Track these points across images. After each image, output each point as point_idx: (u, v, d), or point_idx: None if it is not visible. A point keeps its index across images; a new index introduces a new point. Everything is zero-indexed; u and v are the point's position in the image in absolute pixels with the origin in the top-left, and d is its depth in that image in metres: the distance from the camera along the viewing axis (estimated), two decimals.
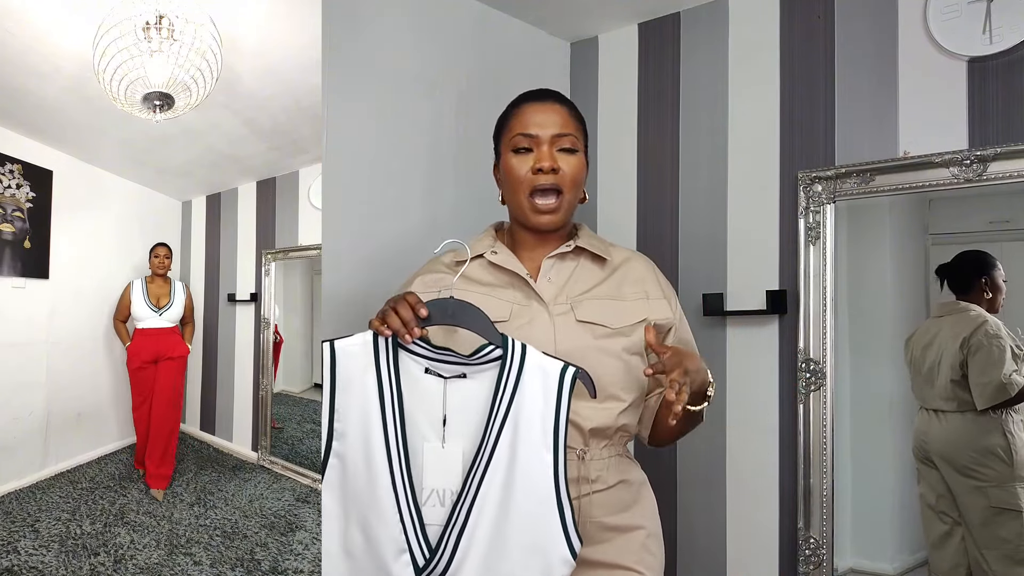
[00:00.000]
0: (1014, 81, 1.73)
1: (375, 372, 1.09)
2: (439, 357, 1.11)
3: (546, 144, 1.25)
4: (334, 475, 1.10)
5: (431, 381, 1.10)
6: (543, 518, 1.05)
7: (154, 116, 2.22)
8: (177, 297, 2.88)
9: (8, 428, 2.44)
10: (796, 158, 2.03)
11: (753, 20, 2.12)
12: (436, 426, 1.10)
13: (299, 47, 2.11)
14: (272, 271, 2.82)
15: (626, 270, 1.34)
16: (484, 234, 1.38)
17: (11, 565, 2.19)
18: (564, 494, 1.05)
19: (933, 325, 1.93)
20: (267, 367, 2.83)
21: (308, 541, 2.47)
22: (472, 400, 1.10)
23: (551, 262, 1.31)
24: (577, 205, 1.32)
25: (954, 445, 1.85)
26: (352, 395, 1.09)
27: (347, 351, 1.10)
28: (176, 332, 2.87)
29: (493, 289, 1.29)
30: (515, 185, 1.27)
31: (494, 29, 2.22)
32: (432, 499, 1.08)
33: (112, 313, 2.79)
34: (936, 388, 1.88)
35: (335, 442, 1.09)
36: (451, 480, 1.08)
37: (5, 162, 2.36)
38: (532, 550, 1.05)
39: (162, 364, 2.82)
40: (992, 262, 1.86)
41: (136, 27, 2.00)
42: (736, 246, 2.13)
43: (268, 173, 2.86)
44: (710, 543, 2.16)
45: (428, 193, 2.01)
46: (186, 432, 3.06)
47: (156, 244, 2.86)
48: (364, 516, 1.08)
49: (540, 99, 1.30)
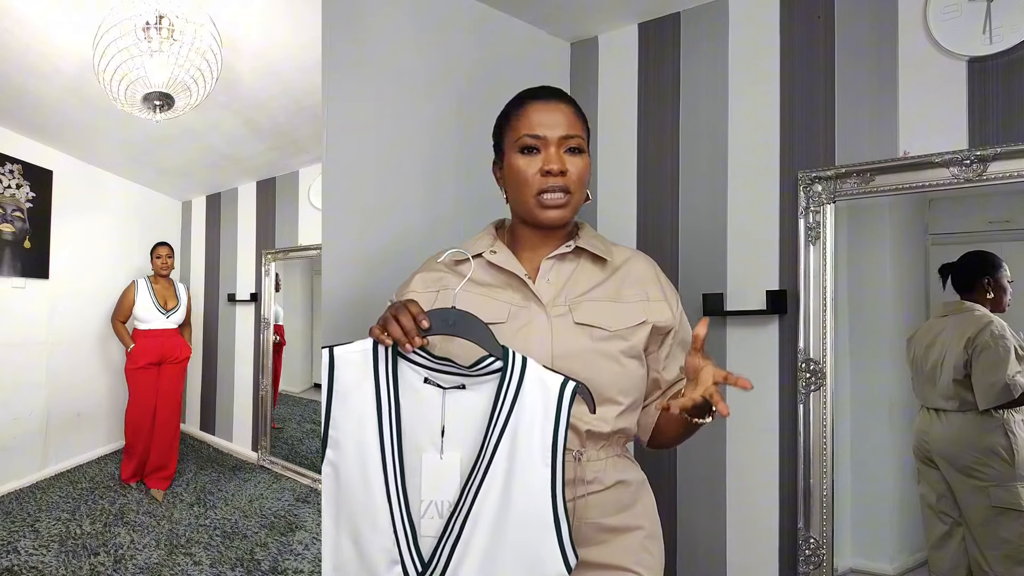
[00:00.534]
0: (1014, 81, 1.73)
1: (373, 380, 1.08)
2: (439, 367, 1.10)
3: (554, 146, 1.24)
4: (328, 484, 1.09)
5: (430, 391, 1.10)
6: (539, 532, 1.04)
7: (154, 116, 2.22)
8: (182, 299, 2.86)
9: (8, 428, 2.44)
10: (796, 158, 2.03)
11: (753, 20, 2.12)
12: (434, 437, 1.09)
13: (299, 47, 2.11)
14: (272, 271, 2.82)
15: (627, 270, 1.32)
16: (484, 232, 1.37)
17: (11, 565, 2.19)
18: (561, 509, 1.05)
19: (936, 324, 1.92)
20: (267, 367, 2.83)
21: (308, 541, 2.47)
22: (471, 411, 1.09)
23: (551, 263, 1.30)
24: (581, 204, 1.31)
25: (956, 444, 1.84)
26: (349, 403, 1.08)
27: (346, 359, 1.09)
28: (179, 334, 2.86)
29: (491, 290, 1.28)
30: (522, 186, 1.26)
31: (494, 29, 2.22)
32: (431, 511, 1.07)
33: (110, 313, 2.77)
34: (938, 387, 1.88)
35: (329, 450, 1.08)
36: (449, 492, 1.07)
37: (5, 162, 2.36)
38: (526, 564, 1.04)
39: (166, 367, 2.80)
40: (997, 263, 1.85)
41: (136, 27, 2.00)
42: (736, 246, 2.13)
43: (268, 173, 2.87)
44: (710, 543, 2.16)
45: (428, 193, 2.01)
46: (186, 432, 3.06)
47: (157, 244, 2.84)
48: (356, 526, 1.07)
49: (545, 98, 1.29)
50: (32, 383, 2.53)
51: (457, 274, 1.30)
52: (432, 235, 1.97)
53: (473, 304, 1.23)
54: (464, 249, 1.29)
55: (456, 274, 1.31)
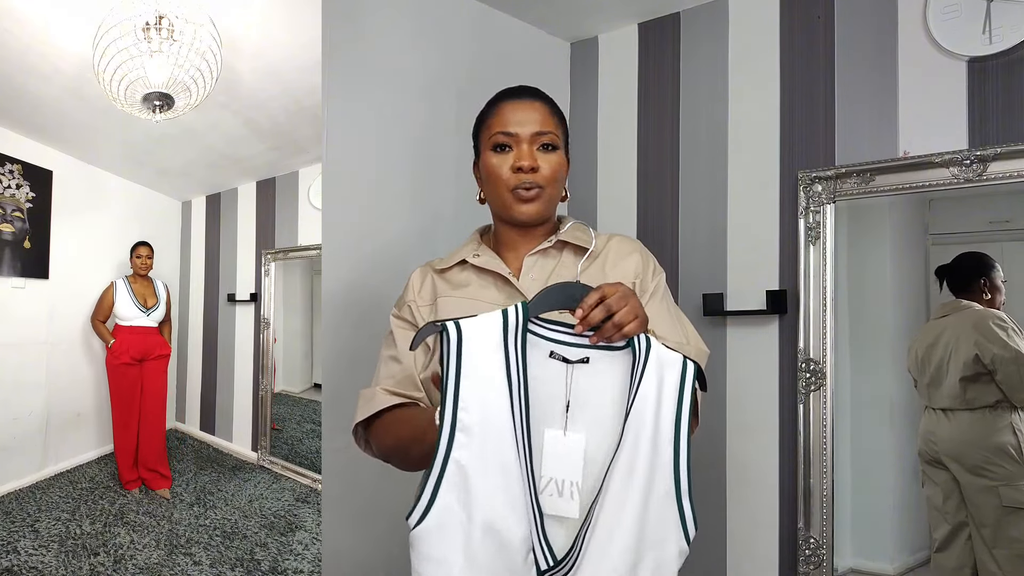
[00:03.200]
0: (1014, 81, 1.73)
1: (503, 355, 1.00)
2: (565, 339, 1.05)
3: (526, 143, 1.25)
4: (457, 472, 0.99)
5: (555, 365, 1.05)
6: (662, 512, 1.02)
7: (154, 116, 2.22)
8: (162, 297, 2.89)
9: (8, 428, 2.44)
10: (796, 158, 2.03)
11: (753, 20, 2.12)
12: (558, 413, 1.04)
13: (299, 47, 2.11)
14: (272, 271, 2.82)
15: (607, 252, 1.31)
16: (469, 239, 1.37)
17: (11, 565, 2.19)
18: (685, 487, 1.03)
19: (936, 326, 1.92)
20: (267, 367, 2.83)
21: (308, 541, 2.47)
22: (597, 387, 1.04)
23: (533, 259, 1.29)
24: (558, 201, 1.31)
25: (964, 444, 1.84)
26: (478, 381, 0.99)
27: (474, 332, 1.00)
28: (159, 332, 2.88)
29: (476, 291, 1.28)
30: (495, 182, 1.27)
31: (494, 29, 2.22)
32: (550, 488, 1.03)
33: (90, 313, 2.77)
34: (944, 388, 1.88)
35: (459, 435, 0.98)
36: (570, 471, 1.03)
37: (5, 162, 2.36)
38: (649, 544, 1.02)
39: (149, 363, 2.82)
40: (991, 263, 1.86)
41: (136, 27, 2.00)
42: (736, 246, 2.13)
43: (268, 173, 2.87)
44: (710, 543, 2.16)
45: (428, 193, 2.01)
46: (186, 432, 3.06)
47: (137, 244, 2.85)
48: (494, 514, 0.99)
49: (519, 96, 1.29)
50: (32, 383, 2.53)
51: (446, 281, 1.31)
52: (431, 235, 1.97)
53: (459, 309, 1.23)
54: (450, 256, 1.30)
55: (445, 281, 1.31)
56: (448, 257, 1.34)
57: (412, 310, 1.29)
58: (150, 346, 2.82)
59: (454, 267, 1.31)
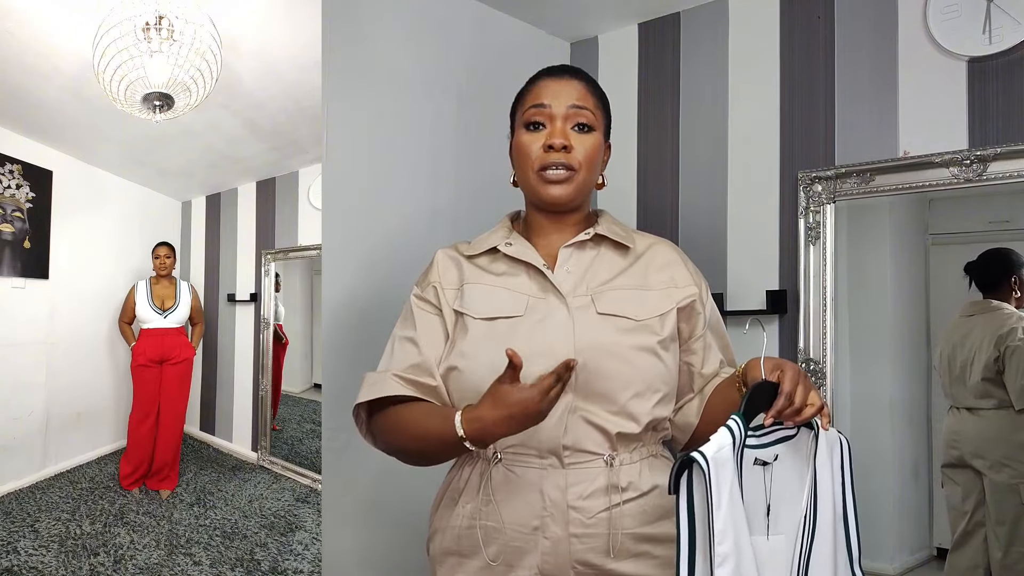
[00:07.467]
0: (1014, 81, 1.73)
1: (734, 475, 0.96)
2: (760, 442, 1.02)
3: (560, 120, 1.18)
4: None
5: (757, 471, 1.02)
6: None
7: (154, 116, 2.22)
8: (183, 298, 2.87)
9: (8, 428, 2.44)
10: (796, 158, 2.03)
11: (753, 20, 2.12)
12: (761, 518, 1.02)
13: (299, 47, 2.11)
14: (272, 271, 2.82)
15: (651, 256, 1.25)
16: (499, 225, 1.29)
17: (11, 565, 2.19)
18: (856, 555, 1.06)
19: (964, 324, 1.91)
20: (267, 367, 2.83)
21: (308, 541, 2.47)
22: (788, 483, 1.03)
23: (569, 251, 1.22)
24: (592, 188, 1.26)
25: (989, 440, 1.82)
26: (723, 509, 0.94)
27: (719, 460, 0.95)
28: (182, 333, 2.86)
29: (507, 279, 1.21)
30: (524, 161, 1.19)
31: (494, 29, 2.22)
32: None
33: (116, 315, 2.79)
34: (968, 387, 1.86)
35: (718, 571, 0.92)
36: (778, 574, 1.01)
37: (5, 162, 2.36)
38: None
39: (168, 367, 2.81)
40: (1020, 260, 1.82)
41: (136, 27, 2.00)
42: (736, 246, 2.13)
43: (268, 173, 2.87)
44: None
45: (428, 193, 2.01)
46: (186, 432, 3.06)
47: (157, 244, 2.85)
48: None
49: (558, 73, 1.22)
50: (32, 383, 2.53)
51: (474, 265, 1.24)
52: (432, 235, 1.97)
53: (488, 296, 1.18)
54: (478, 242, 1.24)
55: (473, 265, 1.24)
56: (476, 243, 1.26)
57: (437, 292, 1.22)
58: (169, 348, 2.80)
59: (484, 255, 1.24)
